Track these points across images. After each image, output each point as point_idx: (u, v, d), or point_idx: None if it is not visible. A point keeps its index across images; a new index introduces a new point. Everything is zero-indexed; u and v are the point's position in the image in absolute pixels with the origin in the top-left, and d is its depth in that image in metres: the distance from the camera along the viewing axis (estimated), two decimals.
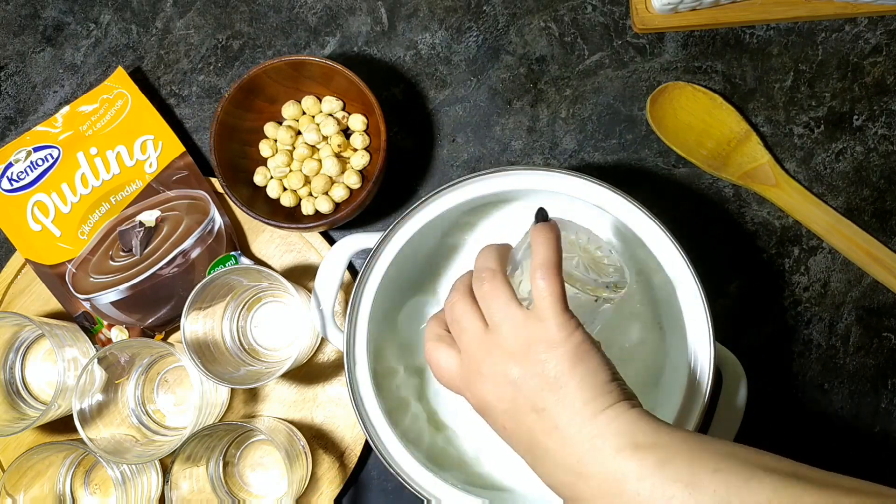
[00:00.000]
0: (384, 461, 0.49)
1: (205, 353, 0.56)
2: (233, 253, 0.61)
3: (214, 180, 0.63)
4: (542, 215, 0.42)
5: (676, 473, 0.34)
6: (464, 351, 0.41)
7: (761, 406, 0.59)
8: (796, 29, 0.63)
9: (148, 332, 0.62)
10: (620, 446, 0.35)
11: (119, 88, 0.64)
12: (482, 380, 0.39)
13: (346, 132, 0.62)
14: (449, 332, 0.42)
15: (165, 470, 0.59)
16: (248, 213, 0.58)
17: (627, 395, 0.38)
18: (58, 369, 0.55)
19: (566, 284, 0.39)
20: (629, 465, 0.35)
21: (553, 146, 0.63)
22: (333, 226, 0.59)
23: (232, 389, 0.61)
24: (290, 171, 0.61)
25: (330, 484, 0.60)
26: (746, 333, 0.61)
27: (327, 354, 0.62)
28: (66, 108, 0.64)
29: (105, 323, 0.61)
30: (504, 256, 0.43)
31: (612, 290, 0.43)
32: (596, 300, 0.42)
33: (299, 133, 0.62)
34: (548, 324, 0.38)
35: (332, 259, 0.54)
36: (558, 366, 0.37)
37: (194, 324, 0.56)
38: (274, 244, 0.63)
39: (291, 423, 0.61)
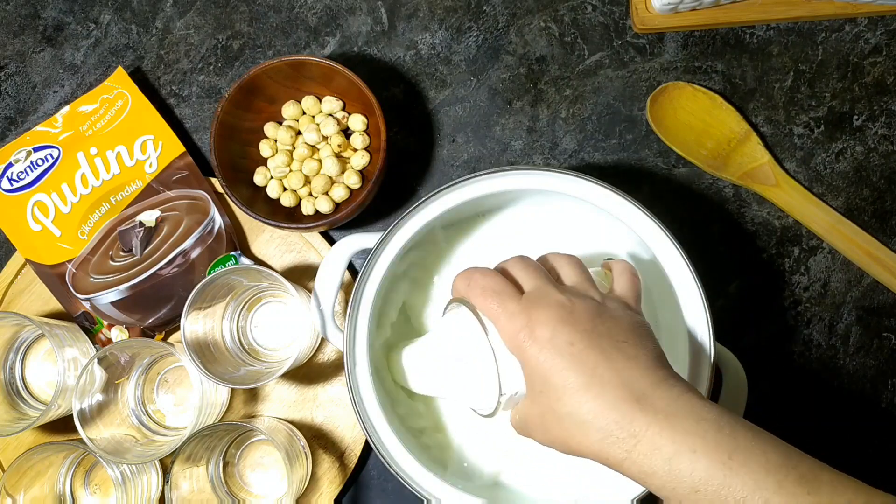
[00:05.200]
0: (384, 461, 0.49)
1: (205, 353, 0.56)
2: (233, 253, 0.61)
3: (214, 180, 0.63)
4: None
5: (742, 420, 0.36)
6: (536, 285, 0.41)
7: (761, 406, 0.59)
8: (796, 29, 0.63)
9: (148, 332, 0.62)
10: (690, 388, 0.37)
11: (119, 88, 0.64)
12: (558, 304, 0.39)
13: (346, 132, 0.62)
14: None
15: (165, 470, 0.59)
16: (248, 213, 0.58)
17: None
18: (58, 369, 0.55)
19: None
20: (700, 400, 0.37)
21: (553, 146, 0.63)
22: (333, 226, 0.59)
23: (232, 389, 0.61)
24: (290, 171, 0.61)
25: (330, 484, 0.60)
26: (746, 333, 0.61)
27: (327, 354, 0.62)
28: (66, 108, 0.64)
29: (105, 323, 0.61)
30: None
31: None
32: None
33: (299, 133, 0.62)
34: (628, 299, 0.42)
35: (332, 259, 0.54)
36: (639, 325, 0.40)
37: (194, 324, 0.56)
38: (274, 244, 0.63)
39: (291, 423, 0.61)
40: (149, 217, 0.61)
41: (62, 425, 0.60)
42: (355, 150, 0.61)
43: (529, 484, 0.54)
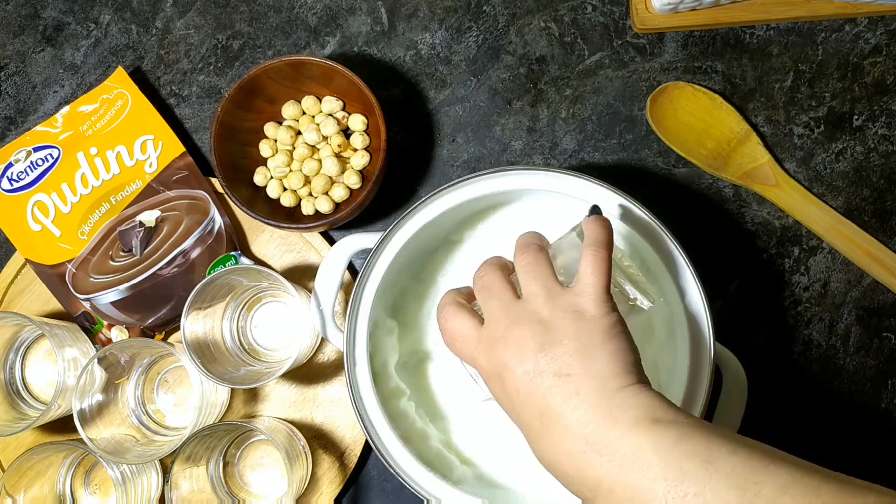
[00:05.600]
0: (384, 461, 0.49)
1: (205, 353, 0.56)
2: (233, 253, 0.61)
3: (214, 180, 0.63)
4: (596, 210, 0.43)
5: (694, 449, 0.34)
6: (489, 317, 0.40)
7: (761, 406, 0.59)
8: (796, 29, 0.63)
9: (148, 332, 0.62)
10: (639, 418, 0.35)
11: (119, 88, 0.64)
12: (503, 344, 0.39)
13: (346, 132, 0.62)
14: (468, 303, 0.43)
15: (165, 470, 0.59)
16: (248, 213, 0.58)
17: (647, 380, 0.38)
18: (58, 369, 0.55)
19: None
20: (647, 436, 0.34)
21: (553, 146, 0.63)
22: (333, 226, 0.60)
23: (232, 389, 0.61)
24: (290, 171, 0.61)
25: (330, 484, 0.60)
26: (746, 333, 0.61)
27: (327, 354, 0.62)
28: (66, 108, 0.64)
29: (105, 323, 0.61)
30: (546, 242, 0.43)
31: (645, 296, 0.44)
32: (630, 302, 0.43)
33: (299, 133, 0.62)
34: (587, 298, 0.38)
35: (332, 259, 0.54)
36: (591, 337, 0.37)
37: (194, 324, 0.56)
38: (274, 244, 0.63)
39: (291, 423, 0.61)
40: (149, 217, 0.61)
41: (62, 425, 0.60)
42: (355, 150, 0.61)
43: (529, 484, 0.54)
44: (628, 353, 0.38)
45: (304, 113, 0.62)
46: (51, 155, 0.63)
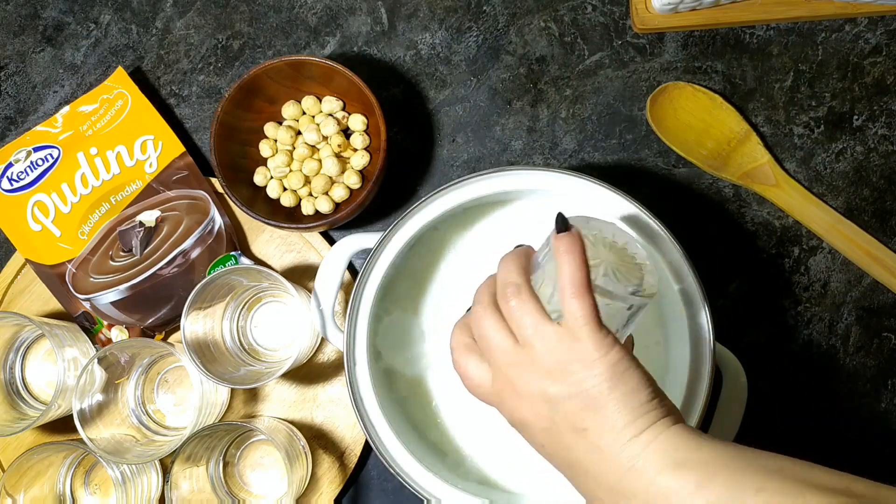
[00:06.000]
0: (384, 461, 0.49)
1: (205, 353, 0.56)
2: (233, 253, 0.61)
3: (214, 180, 0.63)
4: (562, 223, 0.39)
5: (718, 495, 0.33)
6: (494, 367, 0.39)
7: (761, 406, 0.59)
8: (796, 29, 0.63)
9: (148, 332, 0.62)
10: (661, 466, 0.35)
11: (119, 88, 0.64)
12: (517, 398, 0.38)
13: (346, 132, 0.62)
14: (475, 342, 0.41)
15: (165, 470, 0.59)
16: (248, 213, 0.58)
17: (668, 411, 0.37)
18: (58, 369, 0.55)
19: (597, 297, 0.38)
20: (670, 485, 0.34)
21: (553, 146, 0.63)
22: (333, 226, 0.60)
23: (232, 389, 0.61)
24: (290, 171, 0.61)
25: (330, 484, 0.60)
26: (746, 333, 0.61)
27: (327, 354, 0.62)
28: (66, 108, 0.64)
29: (105, 323, 0.61)
30: (527, 265, 0.40)
31: (642, 295, 0.41)
32: (629, 308, 0.41)
33: (299, 133, 0.62)
34: (583, 343, 0.36)
35: (332, 259, 0.54)
36: (597, 386, 0.36)
37: (194, 324, 0.56)
38: (274, 244, 0.63)
39: (291, 423, 0.61)
40: (149, 217, 0.61)
41: (62, 425, 0.60)
42: (355, 150, 0.61)
43: (532, 489, 0.54)
44: (640, 390, 0.36)
45: (304, 113, 0.62)
46: (51, 155, 0.63)
